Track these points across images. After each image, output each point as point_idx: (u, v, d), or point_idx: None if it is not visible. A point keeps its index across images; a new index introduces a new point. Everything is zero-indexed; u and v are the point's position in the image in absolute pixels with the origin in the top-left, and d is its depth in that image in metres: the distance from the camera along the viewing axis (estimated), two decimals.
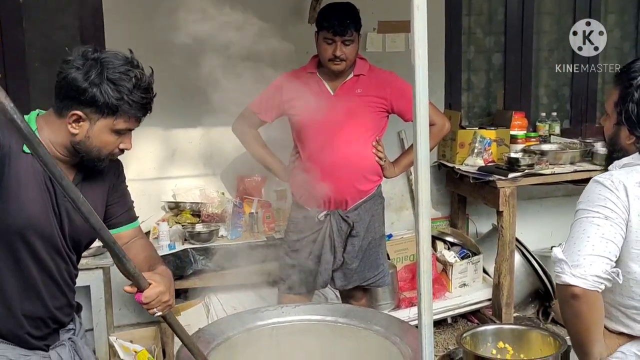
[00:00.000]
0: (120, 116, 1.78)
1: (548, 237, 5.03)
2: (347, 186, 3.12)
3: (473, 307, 4.35)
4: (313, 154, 3.10)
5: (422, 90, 1.02)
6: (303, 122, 3.11)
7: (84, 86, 1.73)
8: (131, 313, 4.31)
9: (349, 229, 3.15)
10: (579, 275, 1.68)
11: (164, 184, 4.20)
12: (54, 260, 1.88)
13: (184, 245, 3.60)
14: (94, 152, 1.83)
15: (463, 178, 4.38)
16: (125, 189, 2.13)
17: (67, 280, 1.95)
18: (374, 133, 3.16)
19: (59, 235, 1.86)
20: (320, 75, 3.15)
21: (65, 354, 1.97)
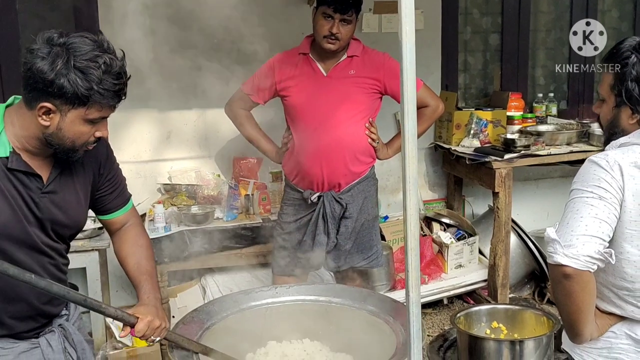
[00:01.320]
0: (91, 106, 1.69)
1: (544, 218, 5.04)
2: (340, 168, 3.10)
3: (469, 288, 4.37)
4: (306, 136, 3.07)
5: (409, 67, 1.01)
6: (296, 103, 3.09)
7: (50, 77, 1.62)
8: (128, 295, 4.32)
9: (342, 211, 3.14)
10: (571, 255, 1.67)
11: (159, 166, 4.19)
12: (35, 259, 1.82)
13: (180, 227, 3.60)
14: (68, 144, 1.74)
15: (459, 159, 4.37)
16: (116, 171, 2.05)
17: (54, 273, 1.89)
18: (367, 114, 3.14)
19: (35, 235, 1.80)
20: (313, 56, 3.12)
21: (55, 340, 1.93)
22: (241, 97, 3.22)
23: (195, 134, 4.23)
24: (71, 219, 1.90)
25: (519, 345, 2.36)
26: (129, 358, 3.43)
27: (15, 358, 1.86)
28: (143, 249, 2.09)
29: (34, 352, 1.90)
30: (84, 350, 2.02)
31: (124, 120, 4.07)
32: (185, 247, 3.55)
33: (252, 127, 3.30)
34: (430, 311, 4.38)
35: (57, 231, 1.87)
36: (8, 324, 1.85)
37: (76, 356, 1.98)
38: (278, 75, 3.11)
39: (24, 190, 1.77)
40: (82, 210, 1.95)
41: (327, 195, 3.12)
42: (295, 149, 3.13)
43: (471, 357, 2.43)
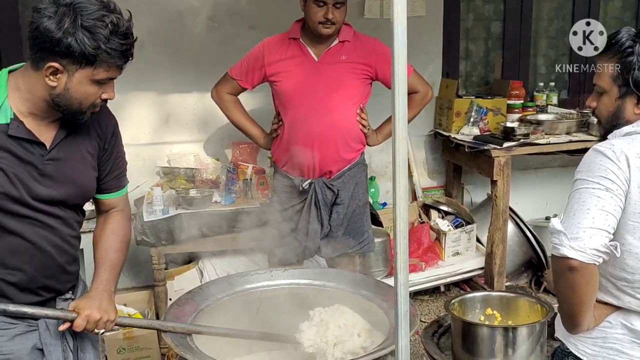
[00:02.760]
0: (99, 65, 1.68)
1: (543, 207, 5.05)
2: (331, 154, 3.08)
3: (466, 276, 4.38)
4: (297, 122, 3.05)
5: (400, 50, 1.01)
6: (286, 89, 3.06)
7: (57, 36, 1.62)
8: (125, 277, 4.34)
9: (333, 197, 3.13)
10: (578, 248, 1.64)
11: (158, 149, 4.19)
12: (34, 230, 1.81)
13: (178, 211, 3.60)
14: (75, 105, 1.74)
15: (458, 147, 4.37)
16: (119, 153, 2.03)
17: (58, 245, 1.87)
18: (359, 100, 3.12)
19: (34, 204, 1.79)
20: (304, 41, 3.08)
21: (53, 324, 1.90)
22: (228, 81, 3.19)
23: (194, 118, 4.23)
24: (78, 186, 1.88)
25: (512, 332, 2.36)
26: (125, 339, 3.44)
27: (10, 340, 1.85)
28: (117, 240, 2.04)
29: (30, 335, 1.88)
30: (82, 338, 1.99)
31: (123, 103, 4.06)
32: (183, 230, 3.54)
33: (240, 113, 3.27)
34: (427, 298, 4.39)
35: (64, 199, 1.85)
36: (8, 293, 1.83)
37: (73, 343, 1.96)
38: (268, 60, 3.07)
39: (25, 157, 1.76)
40: (90, 176, 1.93)
41: (318, 182, 3.11)
42: (285, 135, 3.10)
43: (465, 343, 2.43)
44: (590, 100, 1.94)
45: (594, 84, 1.91)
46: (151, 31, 4.00)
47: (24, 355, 1.87)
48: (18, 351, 1.86)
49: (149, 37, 3.98)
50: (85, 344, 2.00)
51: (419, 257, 4.25)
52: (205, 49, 4.13)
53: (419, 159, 4.84)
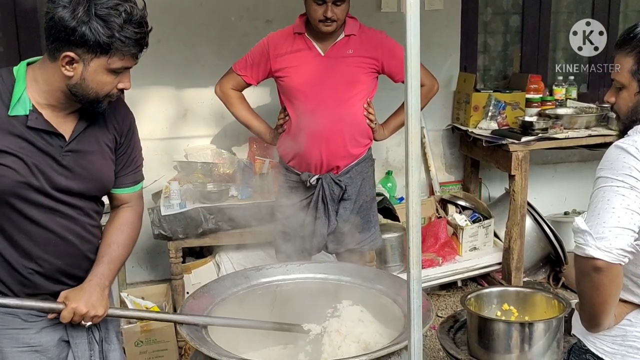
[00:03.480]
0: (114, 54, 1.70)
1: (562, 202, 5.01)
2: (339, 149, 3.06)
3: (483, 271, 4.36)
4: (304, 117, 3.02)
5: (413, 42, 1.00)
6: (292, 84, 3.04)
7: (72, 25, 1.65)
8: (144, 270, 4.39)
9: (341, 193, 3.11)
10: (604, 248, 1.61)
11: (176, 144, 4.21)
12: (54, 220, 1.84)
13: (195, 205, 3.62)
14: (91, 94, 1.76)
15: (476, 141, 4.34)
16: (134, 148, 2.04)
17: (79, 234, 1.90)
18: (366, 95, 3.10)
19: (54, 194, 1.82)
20: (309, 35, 3.05)
21: None
22: (233, 77, 3.17)
23: (211, 112, 4.24)
24: (96, 178, 1.90)
25: (528, 328, 2.36)
26: (142, 332, 3.47)
27: (38, 332, 1.89)
28: (122, 235, 2.03)
29: (57, 327, 1.92)
30: (107, 330, 2.03)
31: (141, 98, 4.09)
32: (200, 224, 3.57)
33: (245, 108, 3.24)
34: (444, 293, 4.38)
35: (82, 190, 1.87)
36: (35, 281, 1.86)
37: (99, 336, 1.99)
38: (273, 56, 3.06)
39: (45, 148, 1.78)
40: (108, 169, 1.94)
41: (325, 177, 3.09)
42: (292, 131, 3.08)
43: (481, 339, 2.43)
44: (609, 96, 1.91)
45: (612, 79, 1.88)
46: (169, 26, 4.03)
47: (51, 347, 1.91)
48: (46, 343, 1.90)
49: (166, 32, 4.01)
50: (110, 335, 2.03)
51: (436, 252, 4.23)
52: (222, 43, 4.14)
53: (437, 154, 4.82)
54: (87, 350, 1.96)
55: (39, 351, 1.89)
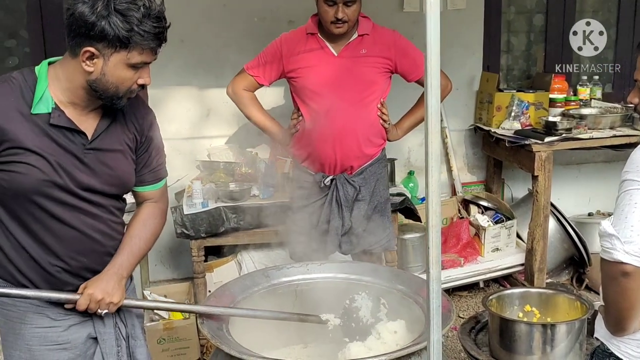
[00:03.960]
0: (133, 49, 1.73)
1: (586, 203, 4.96)
2: (353, 150, 3.05)
3: (505, 272, 4.33)
4: (318, 118, 3.00)
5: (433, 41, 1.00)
6: (306, 84, 3.02)
7: (91, 20, 1.68)
8: (167, 269, 4.43)
9: (355, 194, 3.08)
10: (633, 252, 1.59)
11: (198, 143, 4.25)
12: (78, 217, 1.86)
13: (217, 204, 3.64)
14: (112, 89, 1.78)
15: (499, 142, 4.31)
16: (156, 147, 2.06)
17: (104, 231, 1.92)
18: (380, 95, 3.08)
19: (77, 192, 1.84)
20: (322, 36, 3.03)
21: (107, 313, 1.95)
22: (245, 77, 3.14)
23: (234, 112, 4.22)
24: (117, 177, 1.92)
25: (550, 329, 2.34)
26: (165, 330, 3.51)
27: (66, 330, 1.92)
28: (145, 229, 2.05)
29: (85, 324, 1.94)
30: (134, 327, 2.05)
31: (164, 98, 4.13)
32: (222, 223, 3.59)
33: (257, 109, 3.20)
34: (466, 294, 4.36)
35: (103, 188, 1.89)
36: (62, 278, 1.89)
37: (125, 332, 2.01)
38: (286, 56, 3.04)
39: (67, 146, 1.81)
40: (129, 169, 1.96)
41: (339, 178, 3.07)
42: (306, 131, 3.06)
43: (502, 340, 2.42)
44: (632, 97, 1.88)
45: (635, 79, 1.86)
46: (192, 26, 4.06)
47: (79, 344, 1.94)
48: (74, 340, 1.93)
49: (190, 32, 4.04)
50: (136, 331, 2.05)
51: (458, 253, 4.22)
52: (245, 44, 4.16)
53: (459, 154, 4.80)
54: (114, 346, 1.99)
55: (67, 349, 1.92)
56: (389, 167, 3.95)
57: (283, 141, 3.23)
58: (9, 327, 1.88)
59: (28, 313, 1.89)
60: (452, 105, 4.62)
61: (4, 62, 4.07)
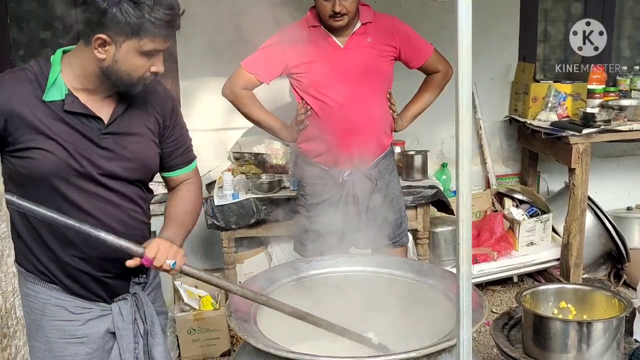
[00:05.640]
0: (144, 36, 1.72)
1: (625, 197, 4.84)
2: (371, 142, 2.98)
3: (540, 267, 4.25)
4: (332, 112, 2.91)
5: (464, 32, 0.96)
6: (315, 80, 2.91)
7: (103, 7, 1.68)
8: (197, 259, 4.43)
9: (372, 187, 3.00)
10: None
11: (229, 135, 4.23)
12: (94, 204, 1.84)
13: (247, 195, 3.64)
14: (124, 77, 1.78)
15: (535, 133, 4.22)
16: (182, 129, 2.05)
17: (124, 221, 1.90)
18: (388, 84, 3.02)
19: (95, 178, 1.83)
20: (325, 28, 2.93)
21: (127, 309, 1.95)
22: (243, 76, 3.00)
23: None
24: (136, 160, 1.90)
25: (586, 327, 2.27)
26: (195, 320, 3.52)
27: (84, 324, 1.91)
28: (187, 204, 2.05)
29: (103, 319, 1.93)
30: (153, 324, 2.01)
31: (195, 89, 4.13)
32: (252, 214, 3.59)
33: (258, 108, 3.08)
34: (499, 288, 4.29)
35: (123, 173, 1.88)
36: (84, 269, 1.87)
37: (144, 328, 1.99)
38: (290, 53, 2.89)
39: (83, 131, 1.81)
40: (150, 151, 1.94)
41: (356, 172, 2.98)
42: (317, 127, 2.95)
43: (536, 337, 2.36)
44: None
45: None
46: (223, 16, 4.03)
47: (97, 338, 1.93)
48: (91, 335, 1.92)
49: (220, 22, 4.01)
50: (155, 329, 2.01)
51: (492, 247, 4.14)
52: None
53: (493, 146, 4.71)
54: (131, 342, 1.96)
55: (84, 343, 1.91)
56: (422, 158, 3.90)
57: (288, 138, 3.11)
58: (31, 319, 1.88)
59: (47, 305, 1.89)
60: (487, 96, 4.53)
61: (39, 54, 4.11)
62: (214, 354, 3.60)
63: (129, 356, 1.96)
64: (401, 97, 3.25)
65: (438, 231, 4.01)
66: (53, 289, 1.89)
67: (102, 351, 1.95)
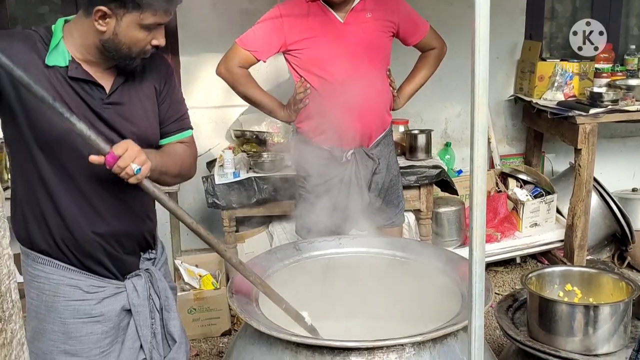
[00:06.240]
0: (146, 9, 1.69)
1: (630, 178, 4.79)
2: (375, 120, 2.91)
3: (543, 248, 4.21)
4: (333, 90, 2.81)
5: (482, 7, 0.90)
6: (315, 57, 2.82)
7: None
8: (198, 238, 4.38)
9: (374, 167, 2.94)
10: None
11: (230, 112, 4.18)
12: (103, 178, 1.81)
13: (249, 174, 3.59)
14: (124, 50, 1.75)
15: (540, 113, 4.16)
16: (177, 96, 2.01)
17: (129, 193, 1.85)
18: (388, 60, 2.95)
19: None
20: (324, 2, 2.82)
21: (141, 285, 1.94)
22: (239, 54, 2.87)
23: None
24: (139, 131, 1.87)
25: (593, 311, 2.24)
26: (195, 300, 3.49)
27: (99, 303, 1.89)
28: (179, 150, 1.98)
29: (118, 297, 1.92)
30: (167, 299, 2.01)
31: (195, 65, 4.06)
32: (253, 193, 3.54)
33: (254, 87, 2.95)
34: (502, 269, 4.26)
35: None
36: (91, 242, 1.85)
37: (159, 304, 1.99)
38: (288, 29, 2.80)
39: (87, 100, 1.78)
40: (151, 123, 1.92)
41: (358, 151, 2.91)
42: (317, 105, 2.85)
43: (542, 320, 2.33)
44: None
45: None
46: None
47: (113, 316, 1.91)
48: (107, 313, 1.90)
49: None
50: (170, 303, 2.02)
51: (495, 228, 4.11)
52: None
53: (498, 125, 4.65)
54: (148, 318, 1.96)
55: (100, 321, 1.90)
56: (426, 138, 3.85)
57: (286, 117, 2.99)
58: (42, 301, 1.86)
59: (60, 286, 1.86)
60: (492, 74, 4.44)
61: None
62: (215, 334, 3.58)
63: (146, 332, 1.96)
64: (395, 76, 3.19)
65: (441, 211, 3.97)
66: (66, 269, 1.86)
67: (118, 329, 1.93)
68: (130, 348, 1.95)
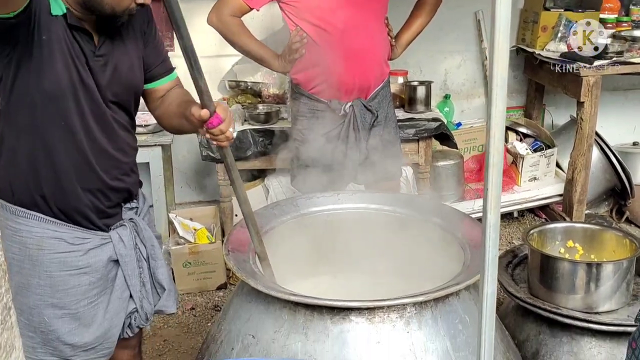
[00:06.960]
0: None
1: (631, 132, 4.74)
2: (374, 70, 2.82)
3: (542, 202, 4.18)
4: (332, 40, 2.70)
5: None
6: (313, 4, 2.69)
7: None
8: (192, 191, 4.35)
9: (372, 119, 2.85)
10: None
11: (224, 62, 4.06)
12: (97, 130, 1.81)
13: (244, 126, 3.52)
14: (107, 10, 1.70)
15: (543, 65, 4.06)
16: (159, 39, 1.98)
17: (120, 147, 1.88)
18: (385, 8, 2.84)
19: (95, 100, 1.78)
20: None
21: (126, 235, 1.94)
22: (231, 2, 2.76)
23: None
24: (126, 82, 1.85)
25: (595, 268, 2.20)
26: (190, 254, 3.45)
27: (85, 254, 1.87)
28: (189, 97, 1.95)
29: (104, 247, 1.90)
30: (154, 247, 2.01)
31: (188, 12, 3.91)
32: (248, 146, 3.47)
33: (248, 36, 2.83)
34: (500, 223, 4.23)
35: (114, 99, 1.83)
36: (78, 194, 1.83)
37: (146, 253, 1.99)
38: None
39: (84, 48, 1.74)
40: (137, 73, 1.90)
41: (356, 103, 2.80)
42: (315, 55, 2.73)
43: (543, 277, 2.29)
44: None
45: None
46: None
47: (100, 267, 1.90)
48: (94, 264, 1.88)
49: None
50: (156, 251, 2.02)
51: None
52: None
53: None
54: (136, 267, 1.97)
55: (87, 273, 1.88)
56: (425, 90, 3.76)
57: (281, 68, 2.87)
58: (26, 255, 1.83)
59: (44, 239, 1.83)
60: None
61: None
62: (210, 288, 3.55)
63: (135, 281, 1.97)
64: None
65: (440, 165, 3.91)
66: (49, 221, 1.83)
67: (105, 280, 1.92)
68: (119, 298, 1.96)
